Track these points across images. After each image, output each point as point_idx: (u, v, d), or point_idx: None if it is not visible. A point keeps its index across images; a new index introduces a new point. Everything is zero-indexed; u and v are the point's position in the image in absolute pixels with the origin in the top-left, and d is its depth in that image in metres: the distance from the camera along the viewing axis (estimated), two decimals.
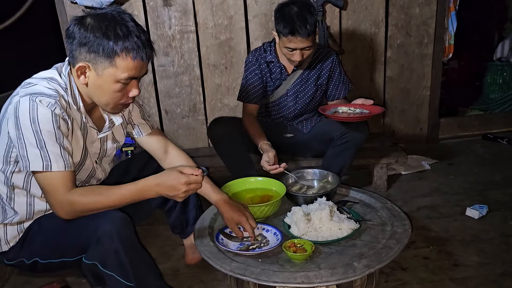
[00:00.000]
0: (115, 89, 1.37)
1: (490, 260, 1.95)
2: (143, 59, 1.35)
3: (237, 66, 2.98)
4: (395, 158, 2.65)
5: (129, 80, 1.37)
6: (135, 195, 1.41)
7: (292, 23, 2.09)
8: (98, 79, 1.36)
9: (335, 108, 2.31)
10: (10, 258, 1.53)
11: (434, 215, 2.37)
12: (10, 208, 1.50)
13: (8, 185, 1.47)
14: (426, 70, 3.18)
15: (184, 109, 3.10)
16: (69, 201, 1.35)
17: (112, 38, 1.30)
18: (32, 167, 1.31)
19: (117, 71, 1.33)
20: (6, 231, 1.51)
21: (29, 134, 1.29)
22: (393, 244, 1.54)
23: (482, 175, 2.82)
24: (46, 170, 1.31)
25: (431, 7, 3.03)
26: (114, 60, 1.32)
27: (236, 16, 2.93)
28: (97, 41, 1.30)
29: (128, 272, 1.38)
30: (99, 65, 1.33)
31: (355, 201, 1.90)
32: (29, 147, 1.30)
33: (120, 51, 1.31)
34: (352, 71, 3.07)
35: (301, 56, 2.19)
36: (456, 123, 3.46)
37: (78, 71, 1.36)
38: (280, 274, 1.41)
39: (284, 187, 1.86)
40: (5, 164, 1.43)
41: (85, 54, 1.32)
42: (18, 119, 1.29)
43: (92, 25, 1.31)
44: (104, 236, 1.34)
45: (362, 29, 3.03)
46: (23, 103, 1.29)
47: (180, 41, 2.95)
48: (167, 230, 2.07)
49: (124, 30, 1.31)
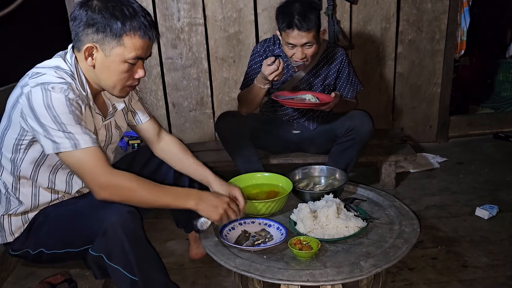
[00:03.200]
0: (122, 70, 1.38)
1: (500, 262, 1.92)
2: (150, 38, 1.37)
3: (246, 59, 2.94)
4: (403, 156, 2.61)
5: (136, 60, 1.38)
6: (176, 201, 1.46)
7: (290, 17, 2.06)
8: (106, 60, 1.36)
9: (302, 95, 2.27)
10: (16, 248, 1.53)
11: (443, 215, 2.34)
12: (14, 199, 1.49)
13: (15, 175, 1.46)
14: (437, 67, 3.13)
15: (191, 102, 3.08)
16: (109, 175, 1.35)
17: (120, 18, 1.31)
18: (62, 147, 1.30)
19: (125, 50, 1.34)
20: (11, 221, 1.51)
21: (48, 121, 1.29)
22: (401, 243, 1.52)
23: (493, 175, 2.77)
24: (75, 148, 1.31)
25: (444, 2, 2.97)
26: (122, 40, 1.33)
27: (245, 9, 2.89)
28: (104, 21, 1.31)
29: (133, 266, 1.37)
30: (106, 45, 1.34)
31: (363, 199, 1.87)
32: (53, 131, 1.30)
33: (128, 30, 1.32)
34: (361, 66, 3.03)
35: (302, 54, 2.14)
36: (466, 121, 3.41)
37: (86, 53, 1.36)
38: (285, 272, 1.39)
39: (291, 183, 1.84)
40: (14, 153, 1.42)
41: (92, 35, 1.33)
42: (34, 110, 1.29)
43: (99, 7, 1.32)
44: (110, 228, 1.33)
45: (373, 24, 2.98)
46: (36, 93, 1.29)
47: (189, 34, 2.93)
48: (172, 223, 2.05)
49: (130, 10, 1.33)
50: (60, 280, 1.52)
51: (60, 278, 1.52)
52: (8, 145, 1.42)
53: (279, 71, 2.05)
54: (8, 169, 1.46)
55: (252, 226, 1.68)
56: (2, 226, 1.52)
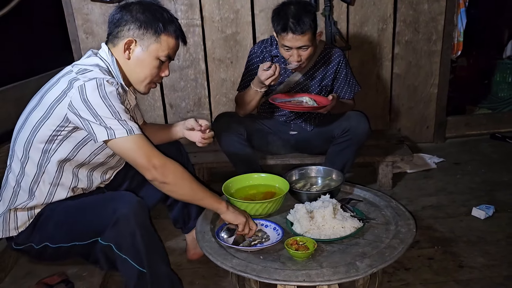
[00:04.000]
0: (154, 65, 1.54)
1: (496, 262, 1.93)
2: (182, 41, 1.60)
3: (243, 60, 2.96)
4: (400, 156, 2.62)
5: (166, 59, 1.56)
6: (210, 198, 1.57)
7: (285, 20, 2.07)
8: (142, 54, 1.52)
9: (299, 98, 2.29)
10: (19, 242, 1.54)
11: (440, 215, 2.34)
12: (24, 192, 1.50)
13: (41, 168, 1.49)
14: (434, 67, 3.14)
15: (188, 103, 3.08)
16: (163, 158, 1.45)
17: (161, 20, 1.51)
18: (117, 134, 1.38)
19: (160, 47, 1.52)
20: (16, 216, 1.51)
21: (103, 110, 1.38)
22: (397, 243, 1.52)
23: (490, 175, 2.78)
24: (130, 134, 1.40)
25: (440, 3, 2.99)
26: (160, 37, 1.51)
27: (243, 10, 2.90)
28: (148, 20, 1.50)
29: (142, 257, 1.40)
30: (145, 40, 1.51)
31: (359, 199, 1.88)
32: (107, 120, 1.38)
33: (167, 30, 1.52)
34: (358, 67, 3.04)
35: (298, 57, 2.14)
36: (463, 121, 3.42)
37: (125, 45, 1.51)
38: (282, 272, 1.40)
39: (288, 183, 1.85)
40: (48, 143, 1.46)
41: (134, 31, 1.50)
42: (88, 101, 1.37)
43: (141, 9, 1.51)
44: (122, 218, 1.37)
45: (370, 25, 2.99)
46: (90, 85, 1.38)
47: (186, 35, 2.88)
48: (170, 224, 2.06)
49: (169, 15, 1.55)
50: (57, 280, 1.53)
51: (57, 279, 1.53)
52: (42, 135, 1.45)
53: (275, 76, 2.06)
54: (35, 160, 1.48)
55: None
56: (7, 221, 1.51)
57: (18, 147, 1.50)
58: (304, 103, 2.23)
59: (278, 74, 2.07)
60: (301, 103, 2.24)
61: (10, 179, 1.52)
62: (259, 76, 2.09)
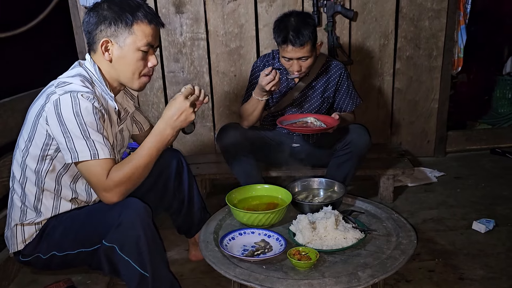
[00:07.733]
0: (137, 58, 1.49)
1: (496, 275, 1.94)
2: (157, 24, 1.51)
3: (246, 74, 3.00)
4: (401, 170, 2.64)
5: (147, 47, 1.49)
6: (158, 142, 1.49)
7: (285, 33, 2.14)
8: (121, 51, 1.48)
9: (304, 118, 2.30)
10: (26, 254, 1.54)
11: (440, 228, 2.36)
12: (32, 211, 1.52)
13: (39, 186, 1.50)
14: (435, 83, 3.18)
15: None
16: (111, 180, 1.41)
17: (128, 9, 1.45)
18: (80, 157, 1.38)
19: (137, 38, 1.47)
20: (24, 230, 1.53)
21: (74, 127, 1.36)
22: (398, 254, 1.54)
23: (490, 190, 2.80)
24: (93, 158, 1.38)
25: (441, 20, 3.04)
26: (132, 28, 1.46)
27: (247, 25, 2.96)
28: (115, 15, 1.45)
29: (144, 260, 1.39)
30: (119, 37, 1.46)
31: (361, 211, 1.90)
32: (76, 139, 1.37)
33: (137, 18, 1.46)
34: (360, 82, 3.08)
35: (299, 67, 2.21)
36: (464, 136, 3.45)
37: (102, 47, 1.47)
38: (284, 281, 1.41)
39: (290, 195, 1.87)
40: (39, 163, 1.47)
41: (105, 31, 1.46)
42: (61, 115, 1.36)
43: (107, 6, 1.46)
44: (126, 221, 1.38)
45: (372, 40, 3.04)
46: (64, 99, 1.37)
47: (191, 48, 2.99)
48: (172, 234, 2.08)
49: (135, 2, 1.48)
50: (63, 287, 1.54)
51: (62, 285, 1.54)
52: (33, 155, 1.46)
53: (275, 81, 2.11)
54: (32, 181, 1.50)
55: (252, 237, 1.70)
56: (15, 235, 1.53)
57: (15, 168, 1.53)
58: (310, 123, 2.26)
59: (278, 80, 2.12)
60: (306, 123, 2.26)
61: (15, 200, 1.54)
62: (260, 82, 2.14)
